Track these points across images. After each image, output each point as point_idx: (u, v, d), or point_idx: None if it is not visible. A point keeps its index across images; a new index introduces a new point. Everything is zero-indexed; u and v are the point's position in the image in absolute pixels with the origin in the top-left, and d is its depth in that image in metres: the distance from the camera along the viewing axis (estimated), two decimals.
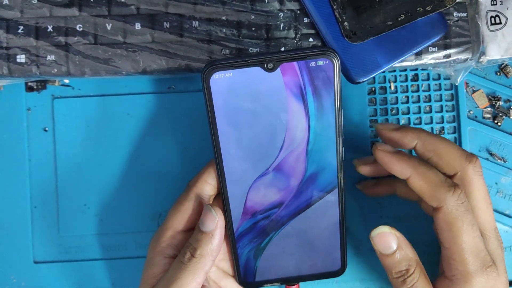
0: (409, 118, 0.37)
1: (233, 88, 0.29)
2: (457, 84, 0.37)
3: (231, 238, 0.32)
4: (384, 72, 0.36)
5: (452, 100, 0.37)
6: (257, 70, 0.28)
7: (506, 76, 0.38)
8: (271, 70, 0.28)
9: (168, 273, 0.30)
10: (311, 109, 0.29)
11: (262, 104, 0.29)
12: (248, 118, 0.29)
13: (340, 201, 0.32)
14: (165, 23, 0.33)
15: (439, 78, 0.37)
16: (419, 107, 0.37)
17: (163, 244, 0.31)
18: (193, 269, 0.29)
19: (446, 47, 0.34)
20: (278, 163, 0.30)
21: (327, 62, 0.28)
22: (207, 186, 0.31)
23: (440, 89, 0.37)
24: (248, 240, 0.32)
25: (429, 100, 0.37)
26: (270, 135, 0.30)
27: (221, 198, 0.31)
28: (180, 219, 0.31)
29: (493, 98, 0.38)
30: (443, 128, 0.37)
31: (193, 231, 0.31)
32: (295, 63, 0.28)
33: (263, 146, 0.30)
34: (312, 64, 0.28)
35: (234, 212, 0.31)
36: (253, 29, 0.34)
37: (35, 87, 0.37)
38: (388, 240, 0.29)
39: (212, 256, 0.30)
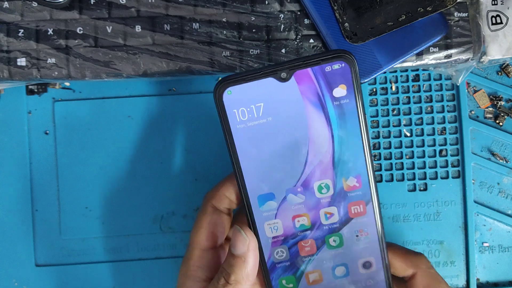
0: (410, 119, 0.37)
1: (247, 103, 0.27)
2: (458, 84, 0.37)
3: (264, 269, 0.29)
4: (385, 72, 0.36)
5: (453, 100, 0.37)
6: (270, 81, 0.27)
7: (508, 76, 0.38)
8: (285, 79, 0.27)
9: None
10: (332, 117, 0.27)
11: (280, 116, 0.27)
12: (266, 133, 0.27)
13: (375, 215, 0.29)
14: (165, 25, 0.33)
15: (440, 79, 0.37)
16: (421, 107, 0.37)
17: (193, 268, 0.29)
18: None
19: (447, 47, 0.34)
20: (305, 179, 0.28)
21: (343, 64, 0.27)
22: (225, 200, 0.30)
23: (441, 90, 0.37)
24: (282, 270, 0.29)
25: (431, 101, 0.37)
26: (292, 149, 0.28)
27: (247, 225, 0.29)
28: (203, 236, 0.30)
29: (494, 98, 0.37)
30: (444, 128, 0.37)
31: (220, 247, 0.30)
32: (309, 70, 0.27)
33: (287, 162, 0.28)
34: (328, 68, 0.27)
35: (263, 240, 0.29)
36: (254, 30, 0.34)
37: (35, 90, 0.37)
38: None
39: (248, 281, 0.28)
